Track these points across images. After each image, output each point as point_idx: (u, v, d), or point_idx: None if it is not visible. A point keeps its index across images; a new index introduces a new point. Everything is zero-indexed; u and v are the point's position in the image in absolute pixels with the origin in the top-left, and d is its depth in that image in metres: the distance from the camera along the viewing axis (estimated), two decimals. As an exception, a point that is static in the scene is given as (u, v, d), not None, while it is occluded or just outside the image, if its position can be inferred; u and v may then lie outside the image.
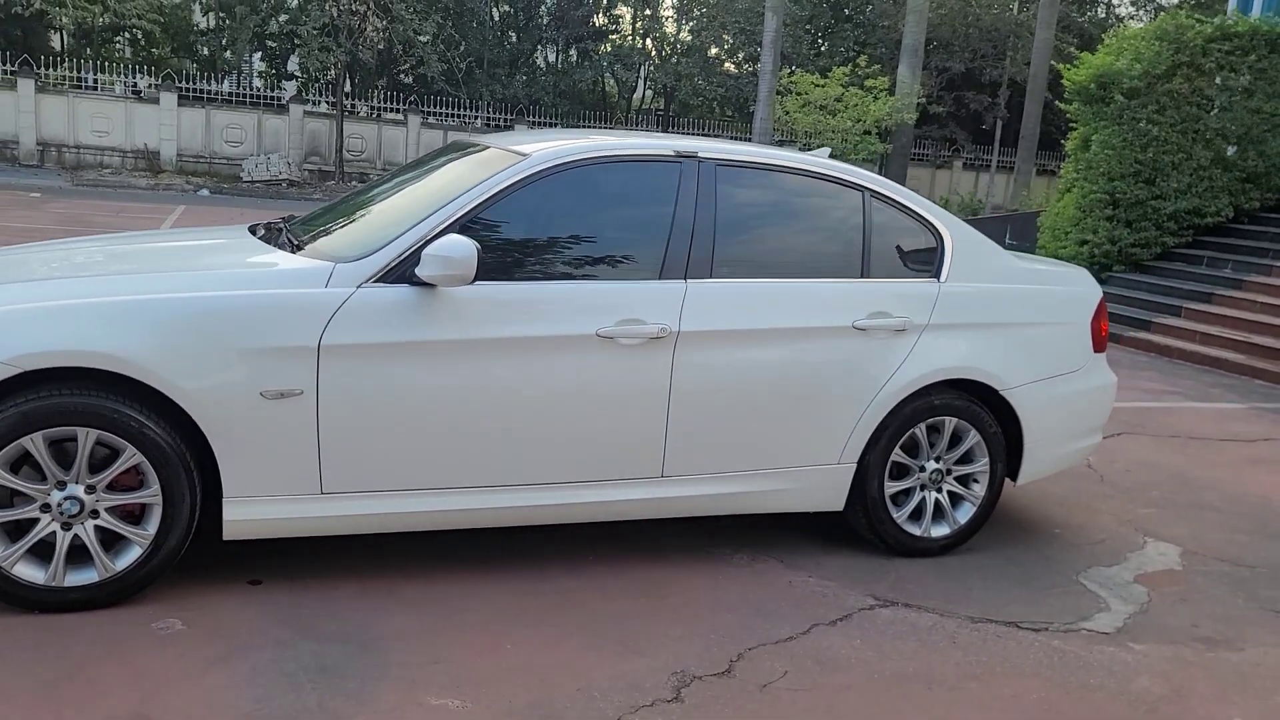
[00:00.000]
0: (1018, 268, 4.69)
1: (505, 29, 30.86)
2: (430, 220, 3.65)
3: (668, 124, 30.78)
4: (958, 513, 4.51)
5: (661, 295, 3.88)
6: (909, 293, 4.33)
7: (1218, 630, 4.00)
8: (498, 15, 31.38)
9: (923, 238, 4.45)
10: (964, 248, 4.50)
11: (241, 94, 27.85)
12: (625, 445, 3.89)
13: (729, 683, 3.29)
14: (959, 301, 4.40)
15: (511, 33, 31.05)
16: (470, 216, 3.69)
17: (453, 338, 3.59)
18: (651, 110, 32.83)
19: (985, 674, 3.50)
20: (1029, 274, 4.72)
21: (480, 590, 3.77)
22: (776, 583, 4.10)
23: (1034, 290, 4.66)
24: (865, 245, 4.31)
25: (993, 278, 4.56)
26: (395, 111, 28.30)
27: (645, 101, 33.71)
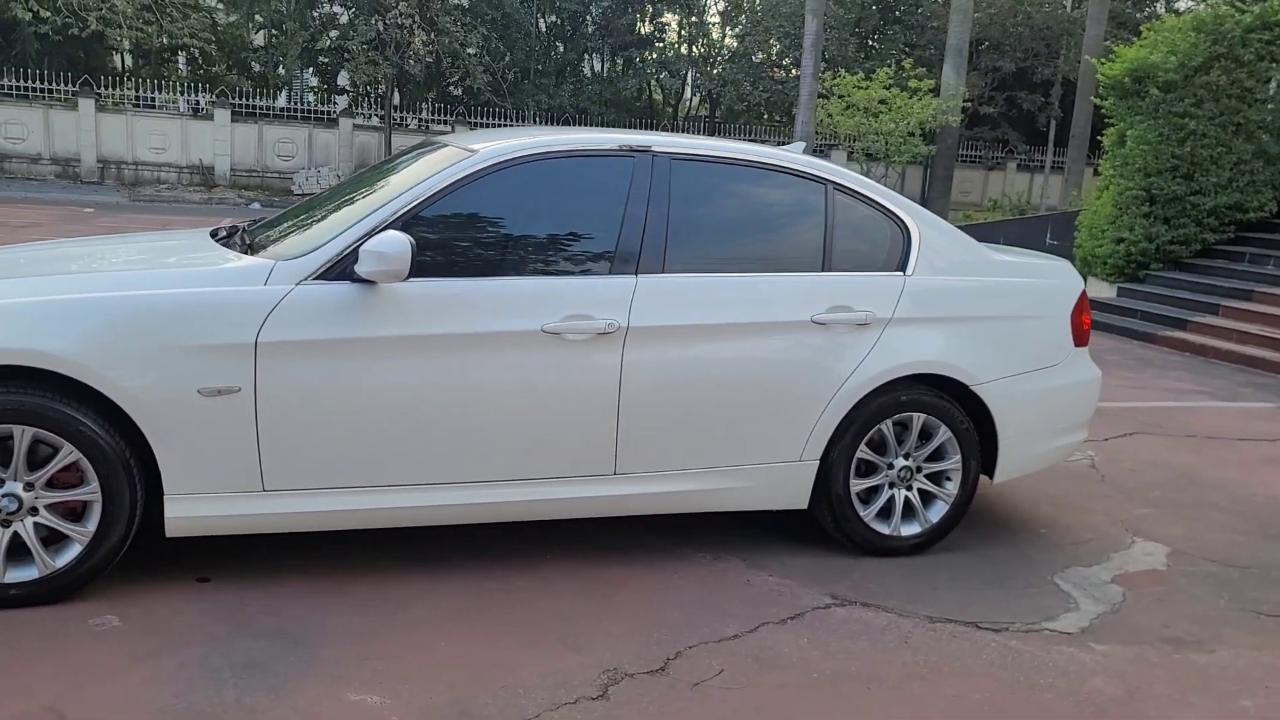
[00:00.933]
0: (992, 261, 4.58)
1: (551, 39, 31.06)
2: (373, 217, 3.68)
3: (714, 130, 30.73)
4: (929, 511, 4.41)
5: (611, 290, 3.86)
6: (872, 286, 4.25)
7: (1190, 631, 3.86)
8: (545, 26, 31.60)
9: (888, 231, 4.37)
10: (932, 241, 4.42)
11: (293, 109, 28.37)
12: (575, 442, 3.87)
13: (660, 681, 3.25)
14: (926, 295, 4.32)
15: (558, 43, 31.24)
16: (413, 213, 3.70)
17: (394, 334, 3.60)
18: (699, 117, 32.78)
19: (931, 674, 3.41)
20: (1005, 267, 4.61)
21: (428, 588, 3.77)
22: (734, 581, 4.05)
23: (1008, 283, 4.55)
24: (827, 238, 4.25)
25: (964, 271, 4.46)
26: (443, 123, 28.65)
27: (692, 108, 33.69)
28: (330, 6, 28.98)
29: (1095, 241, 12.67)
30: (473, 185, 3.81)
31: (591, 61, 31.73)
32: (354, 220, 3.70)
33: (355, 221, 3.68)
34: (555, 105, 28.78)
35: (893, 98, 21.96)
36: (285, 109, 28.51)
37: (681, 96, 33.13)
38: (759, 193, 4.28)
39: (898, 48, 32.47)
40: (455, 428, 3.71)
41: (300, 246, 3.70)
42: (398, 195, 3.76)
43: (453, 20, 26.10)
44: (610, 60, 31.62)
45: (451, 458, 3.73)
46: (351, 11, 28.00)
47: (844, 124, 22.25)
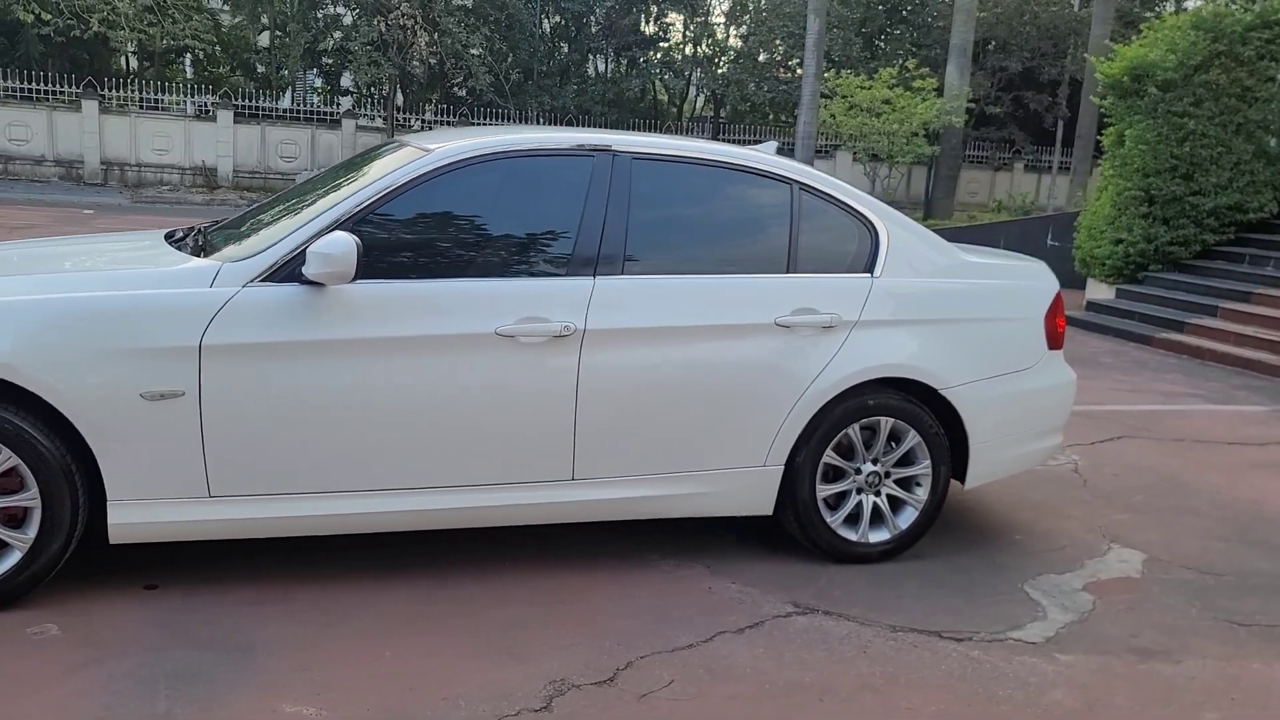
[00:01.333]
0: (964, 263, 4.50)
1: (556, 40, 31.01)
2: (322, 218, 3.62)
3: (719, 130, 30.63)
4: (899, 517, 4.34)
5: (567, 292, 3.80)
6: (838, 288, 4.18)
7: (1158, 641, 3.78)
8: (549, 26, 31.55)
9: (855, 232, 4.29)
10: (901, 242, 4.34)
11: (297, 110, 28.36)
12: (531, 447, 3.80)
13: (607, 691, 3.18)
14: (894, 297, 4.24)
15: (562, 43, 31.18)
16: (364, 214, 3.65)
17: (343, 337, 3.54)
18: (704, 118, 32.68)
19: (887, 685, 3.34)
20: (977, 269, 4.53)
21: (378, 596, 3.71)
22: (695, 589, 3.98)
23: (980, 286, 4.47)
24: (792, 240, 4.18)
25: (934, 273, 4.38)
26: (446, 124, 28.64)
27: (698, 109, 33.60)
28: (334, 7, 28.99)
29: (1094, 243, 12.55)
30: (426, 185, 3.75)
31: (595, 62, 31.66)
32: (304, 222, 3.64)
33: (305, 223, 3.63)
34: (558, 106, 28.71)
35: (896, 98, 21.85)
36: (289, 110, 28.50)
37: (686, 97, 33.03)
38: (722, 193, 4.21)
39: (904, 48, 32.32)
40: (406, 433, 3.64)
41: (250, 248, 3.64)
42: (349, 196, 3.70)
43: (455, 21, 26.07)
44: (615, 61, 31.56)
45: (402, 463, 3.67)
46: (355, 12, 28.00)
47: (847, 124, 22.14)
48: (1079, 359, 9.54)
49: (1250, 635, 3.87)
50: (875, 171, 22.69)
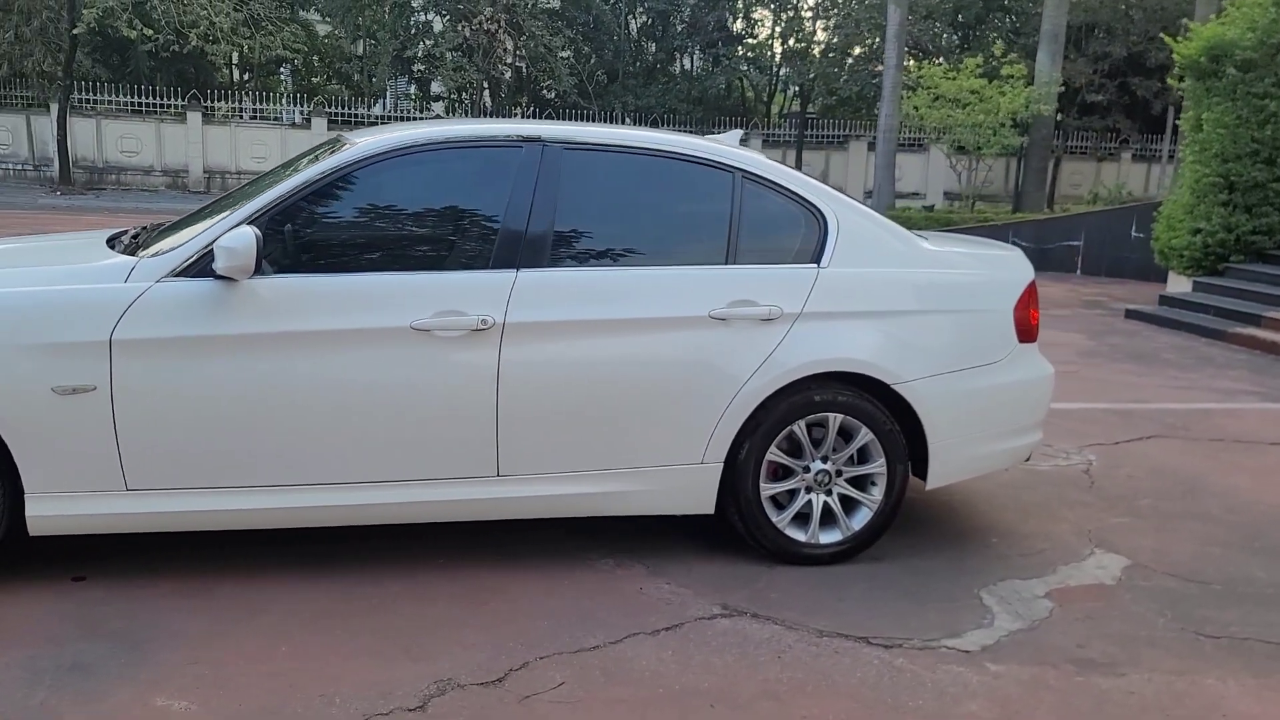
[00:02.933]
0: (925, 252, 4.29)
1: (642, 40, 31.04)
2: (239, 213, 3.65)
3: (806, 125, 30.23)
4: (853, 518, 4.16)
5: (487, 286, 3.74)
6: (780, 279, 4.03)
7: (1106, 652, 3.53)
8: (636, 26, 31.60)
9: (802, 221, 4.13)
10: (854, 231, 4.16)
11: (388, 117, 29.05)
12: (452, 443, 3.76)
13: (490, 692, 3.11)
14: (841, 288, 4.07)
15: (649, 43, 31.21)
16: (280, 208, 3.66)
17: (255, 331, 3.56)
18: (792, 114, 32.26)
19: (790, 692, 3.19)
20: (939, 258, 4.32)
21: (300, 592, 3.72)
22: (626, 589, 3.88)
23: (940, 276, 4.26)
24: (732, 230, 4.04)
25: (888, 262, 4.19)
26: (534, 126, 28.91)
27: (787, 104, 33.22)
28: (425, 15, 29.59)
29: (1171, 233, 11.94)
30: (346, 179, 3.75)
31: (681, 60, 31.59)
32: (221, 217, 3.68)
33: (222, 218, 3.66)
34: (642, 105, 28.75)
35: (983, 88, 21.20)
36: (381, 117, 29.22)
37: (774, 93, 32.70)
38: (659, 183, 4.10)
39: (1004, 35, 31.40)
40: (322, 428, 3.64)
41: (169, 244, 3.69)
42: (268, 191, 3.72)
43: (539, 24, 26.30)
44: (704, 58, 31.43)
45: (319, 459, 3.66)
46: (446, 19, 28.53)
47: (931, 116, 21.56)
48: (1137, 355, 9.12)
49: (1216, 648, 3.59)
50: (962, 164, 22.04)
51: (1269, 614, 3.88)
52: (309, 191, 3.70)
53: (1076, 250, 15.51)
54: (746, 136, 30.21)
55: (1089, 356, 9.03)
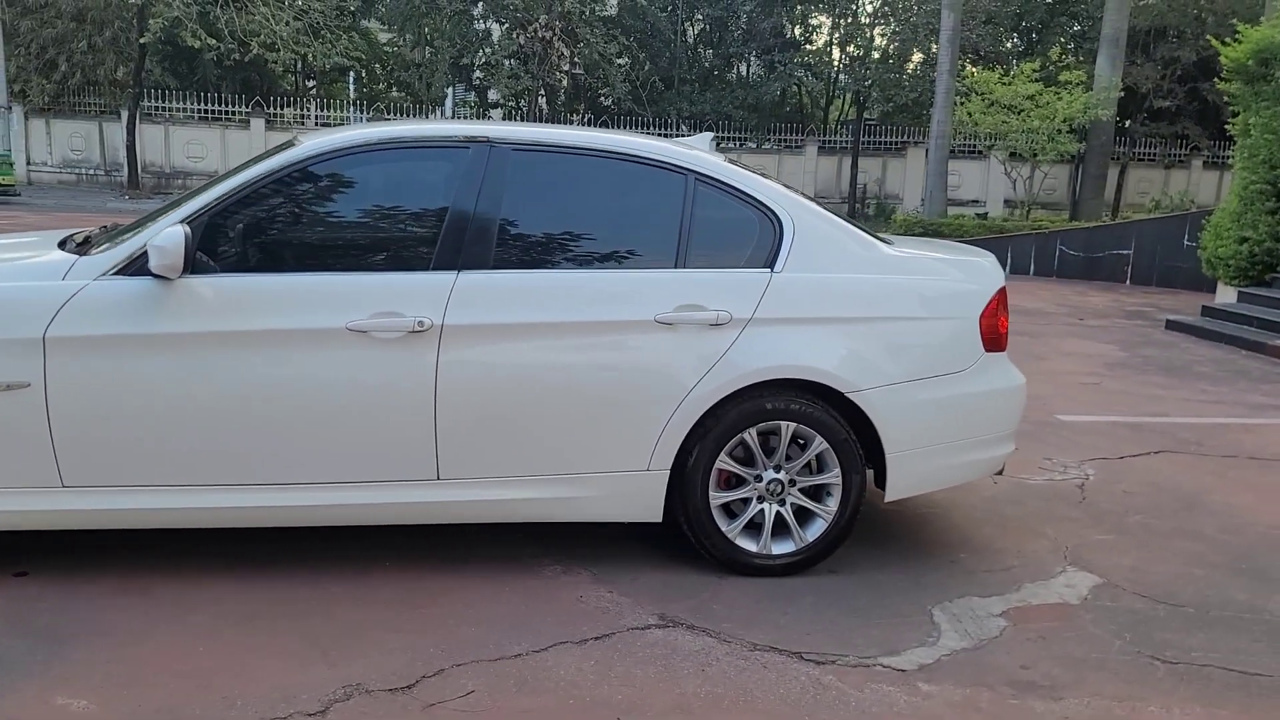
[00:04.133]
0: (886, 257, 4.17)
1: (698, 46, 30.98)
2: (179, 211, 3.67)
3: (863, 132, 29.90)
4: (807, 529, 4.06)
5: (427, 287, 3.72)
6: (731, 284, 3.94)
7: (1050, 675, 3.38)
8: (694, 33, 31.55)
9: (757, 225, 4.04)
10: (811, 236, 4.05)
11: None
12: (390, 445, 3.74)
13: (396, 699, 3.08)
14: (795, 293, 3.97)
15: (706, 49, 31.14)
16: (221, 207, 3.68)
17: (191, 330, 3.57)
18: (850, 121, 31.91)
19: (703, 707, 3.11)
20: (901, 264, 4.19)
21: (236, 592, 3.72)
22: (565, 596, 3.83)
23: (901, 281, 4.13)
24: (683, 233, 3.97)
25: (847, 268, 4.08)
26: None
27: (844, 111, 32.89)
28: (484, 23, 29.86)
29: (1218, 242, 11.55)
30: (287, 179, 3.76)
31: (738, 67, 31.46)
32: (162, 216, 3.70)
33: (162, 217, 3.69)
34: (697, 112, 28.67)
35: (1039, 93, 20.76)
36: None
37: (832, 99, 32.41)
38: (609, 185, 4.05)
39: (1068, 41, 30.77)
40: (258, 427, 3.65)
41: (112, 243, 3.73)
42: (211, 190, 3.74)
43: (593, 32, 26.39)
44: (760, 64, 31.27)
45: (256, 458, 3.67)
46: (506, 26, 28.77)
47: (985, 123, 21.17)
48: (1168, 367, 8.82)
49: (1169, 673, 3.43)
50: (1018, 172, 21.60)
51: (1237, 640, 3.70)
52: (250, 191, 3.71)
53: (1126, 259, 15.08)
54: (802, 143, 30.04)
55: (1116, 368, 8.75)
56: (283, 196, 3.78)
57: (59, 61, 26.79)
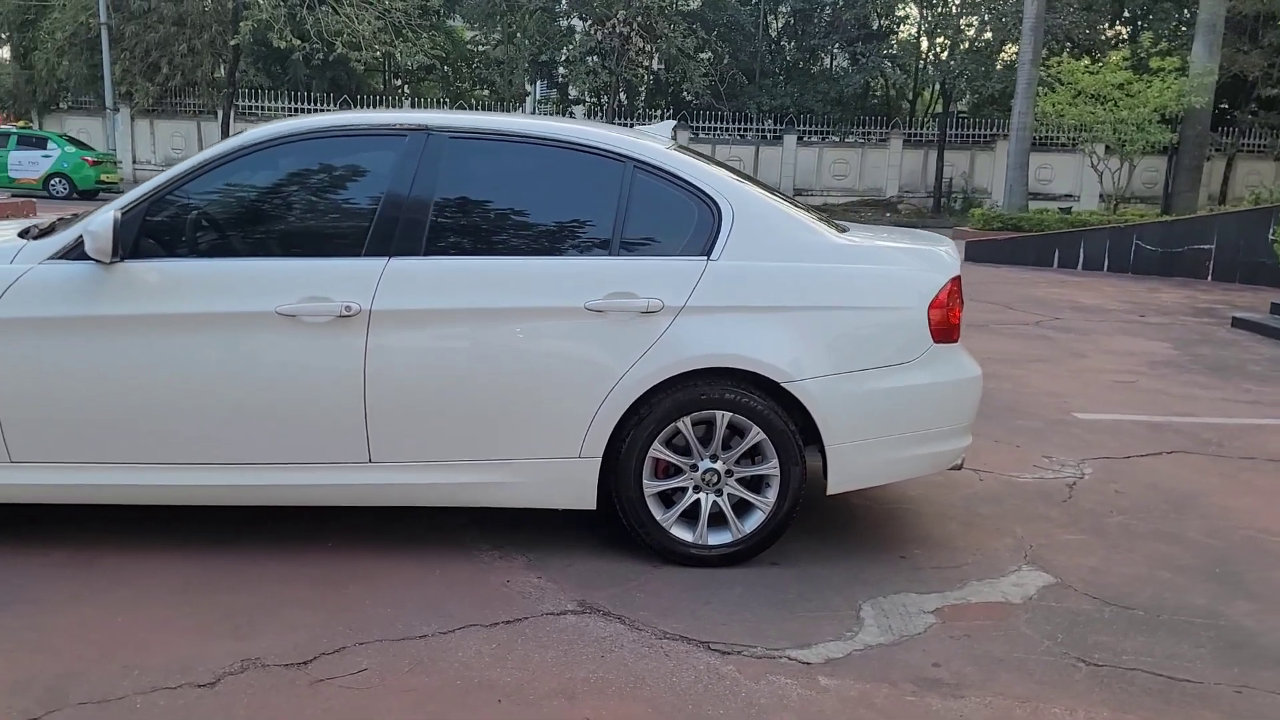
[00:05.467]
0: (831, 245, 4.08)
1: (781, 39, 30.70)
2: (123, 199, 3.81)
3: (949, 125, 29.26)
4: (745, 520, 4.01)
5: (356, 273, 3.78)
6: (665, 271, 3.91)
7: (961, 673, 3.28)
8: (778, 26, 31.29)
9: (695, 212, 4.00)
10: (751, 223, 4.00)
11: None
12: (321, 428, 3.82)
13: (287, 673, 3.14)
14: (732, 281, 3.92)
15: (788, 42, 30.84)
16: (161, 195, 3.80)
17: (127, 313, 3.70)
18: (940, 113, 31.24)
19: (588, 693, 3.10)
20: (846, 252, 4.09)
21: (173, 565, 3.84)
22: (493, 581, 3.85)
23: (845, 270, 4.04)
24: (618, 220, 3.96)
25: (789, 256, 4.01)
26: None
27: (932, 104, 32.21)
28: (568, 20, 30.11)
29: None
30: (228, 166, 3.86)
31: (822, 60, 31.07)
32: (108, 203, 3.85)
33: (108, 204, 3.83)
34: (778, 106, 28.43)
35: (1130, 81, 20.02)
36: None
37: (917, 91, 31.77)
38: (547, 172, 4.05)
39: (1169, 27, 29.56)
40: (193, 408, 3.76)
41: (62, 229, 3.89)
42: (155, 178, 3.87)
43: (671, 27, 26.37)
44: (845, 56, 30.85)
45: (191, 438, 3.78)
46: (589, 23, 28.97)
47: (1071, 114, 20.48)
48: (1218, 366, 8.43)
49: (1089, 676, 3.30)
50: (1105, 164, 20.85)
51: (1179, 645, 3.53)
52: (189, 179, 3.83)
53: (1207, 254, 14.44)
54: (886, 136, 29.53)
55: (1160, 366, 8.40)
56: (221, 184, 3.89)
57: (161, 64, 27.89)
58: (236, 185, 3.92)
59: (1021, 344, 9.18)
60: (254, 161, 3.90)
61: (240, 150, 3.87)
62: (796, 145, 29.19)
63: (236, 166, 3.88)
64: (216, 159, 3.85)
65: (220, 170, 3.86)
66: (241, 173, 3.90)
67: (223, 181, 3.88)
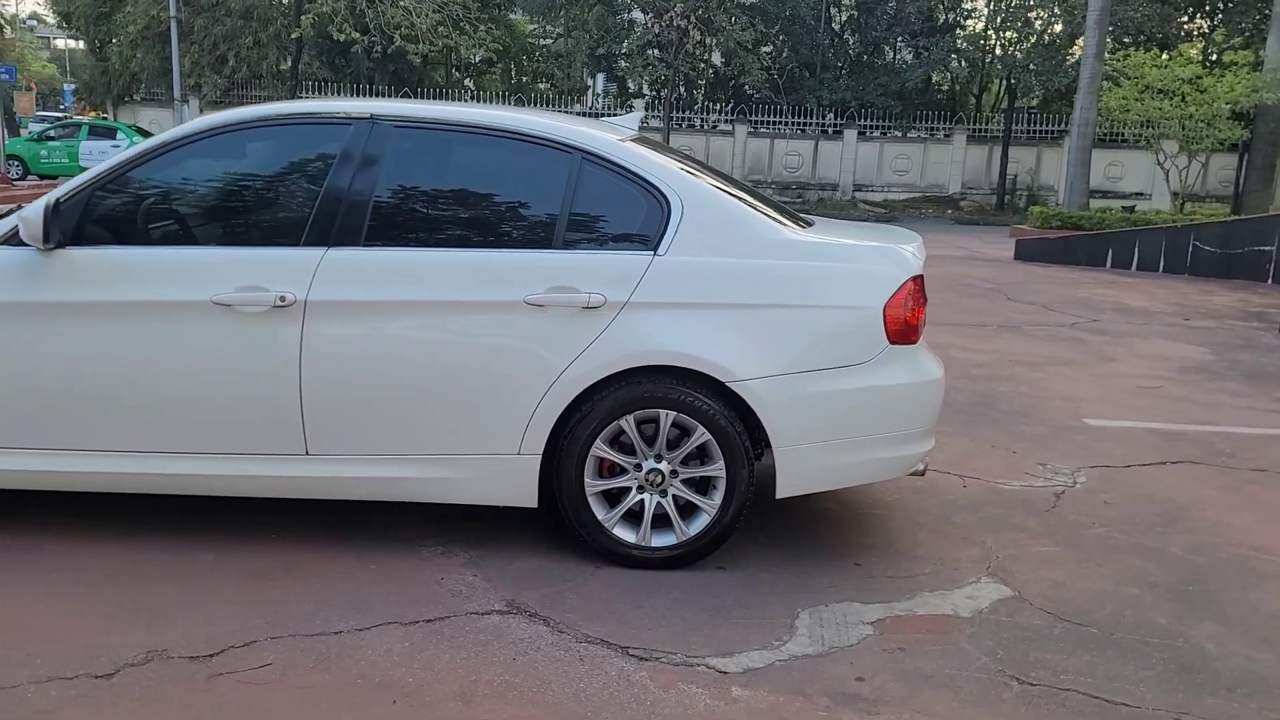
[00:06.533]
0: (785, 242, 3.94)
1: (844, 33, 30.28)
2: (64, 186, 3.83)
3: (1014, 120, 28.59)
4: (691, 523, 3.91)
5: (293, 262, 3.75)
6: (608, 266, 3.82)
7: (881, 689, 3.14)
8: (842, 19, 30.86)
9: (645, 206, 3.90)
10: (701, 218, 3.88)
11: (587, 114, 29.74)
12: (257, 419, 3.80)
13: (189, 666, 3.11)
14: (678, 277, 3.81)
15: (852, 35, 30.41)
16: (102, 183, 3.82)
17: (62, 299, 3.73)
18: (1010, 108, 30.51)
19: (490, 696, 3.03)
20: (801, 249, 3.95)
21: (108, 554, 3.84)
22: (426, 578, 3.80)
23: (797, 268, 3.90)
24: (563, 213, 3.87)
25: (740, 252, 3.88)
26: (727, 122, 28.91)
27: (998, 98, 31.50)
28: (629, 13, 30.05)
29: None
30: (169, 155, 3.87)
31: (885, 53, 30.58)
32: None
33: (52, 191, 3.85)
34: (838, 100, 28.04)
35: (1199, 76, 19.32)
36: (581, 114, 29.94)
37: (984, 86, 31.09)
38: (493, 163, 3.99)
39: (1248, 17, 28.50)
40: (129, 396, 3.77)
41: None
42: (98, 166, 3.89)
43: (730, 19, 26.16)
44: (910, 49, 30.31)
45: (126, 425, 3.79)
46: (649, 16, 28.88)
47: (1136, 109, 19.83)
48: (1253, 374, 8.08)
49: (1019, 695, 3.13)
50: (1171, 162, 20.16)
51: (1125, 666, 3.35)
52: (134, 166, 3.85)
53: (1268, 256, 13.86)
54: (950, 131, 28.97)
55: (1191, 372, 8.06)
56: (165, 172, 3.90)
57: (228, 57, 28.40)
58: (180, 173, 3.92)
59: (1050, 346, 8.89)
60: (199, 149, 3.90)
61: (185, 138, 3.87)
62: (857, 140, 28.77)
63: (181, 154, 3.88)
64: (161, 146, 3.85)
65: (165, 158, 3.86)
66: (186, 161, 3.90)
67: (167, 169, 3.89)
